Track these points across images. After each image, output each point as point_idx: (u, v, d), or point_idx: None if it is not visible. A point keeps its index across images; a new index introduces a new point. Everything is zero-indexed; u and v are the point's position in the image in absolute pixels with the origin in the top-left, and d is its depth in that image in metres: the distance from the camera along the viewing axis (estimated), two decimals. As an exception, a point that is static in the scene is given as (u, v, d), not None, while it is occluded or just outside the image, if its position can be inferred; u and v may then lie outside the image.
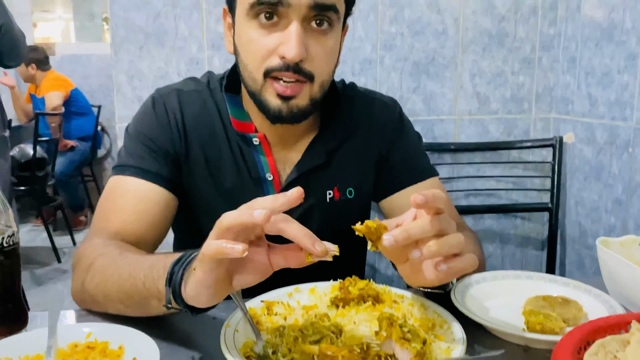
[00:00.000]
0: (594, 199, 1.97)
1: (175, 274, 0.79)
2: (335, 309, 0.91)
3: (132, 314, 0.91)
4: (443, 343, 0.82)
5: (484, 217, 2.21)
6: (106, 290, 0.92)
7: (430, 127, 2.12)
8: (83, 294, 0.98)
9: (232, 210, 1.18)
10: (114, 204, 1.11)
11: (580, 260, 2.09)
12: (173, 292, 0.79)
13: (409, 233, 0.74)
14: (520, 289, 1.04)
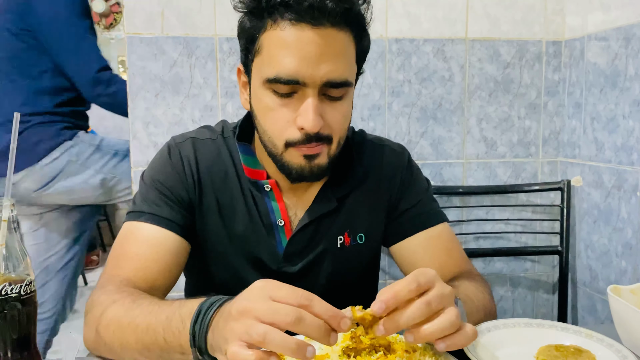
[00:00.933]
0: (604, 243, 1.97)
1: (198, 334, 0.80)
2: (346, 359, 0.91)
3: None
4: (454, 392, 0.82)
5: (494, 260, 2.21)
6: (123, 340, 0.93)
7: (439, 171, 2.14)
8: (97, 342, 0.98)
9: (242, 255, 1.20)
10: (127, 250, 1.12)
11: (592, 305, 2.07)
12: (199, 350, 0.81)
13: (396, 294, 0.77)
14: (532, 337, 1.03)
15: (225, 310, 0.79)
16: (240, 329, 0.72)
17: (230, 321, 0.75)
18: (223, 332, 0.75)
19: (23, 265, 0.91)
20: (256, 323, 0.71)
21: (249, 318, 0.72)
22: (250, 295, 0.76)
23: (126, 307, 0.96)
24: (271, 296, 0.74)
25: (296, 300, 0.73)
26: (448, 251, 1.28)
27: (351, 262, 1.27)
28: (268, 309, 0.72)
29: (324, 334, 0.71)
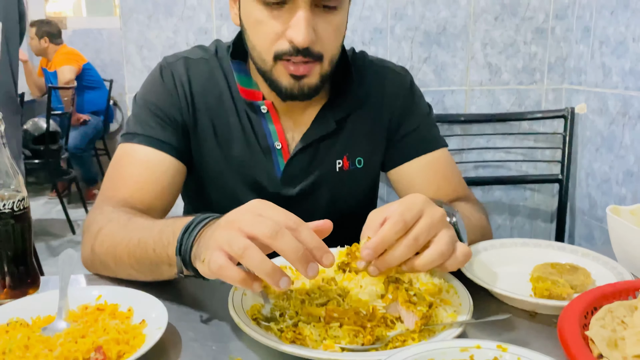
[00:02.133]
0: (605, 171, 1.95)
1: (184, 244, 0.80)
2: (342, 273, 0.91)
3: (144, 278, 0.93)
4: (449, 307, 0.82)
5: (493, 189, 2.20)
6: (116, 255, 0.93)
7: (441, 98, 2.10)
8: (93, 259, 0.99)
9: (239, 179, 1.19)
10: (123, 172, 1.11)
11: (589, 232, 2.08)
12: (183, 260, 0.80)
13: (383, 239, 0.77)
14: (528, 256, 1.04)
15: (215, 223, 0.78)
16: (222, 238, 0.71)
17: (216, 230, 0.75)
18: (207, 240, 0.75)
19: (15, 182, 0.89)
20: (239, 235, 0.70)
21: (233, 229, 0.71)
22: (241, 209, 0.76)
23: (121, 225, 0.96)
24: (261, 213, 0.73)
25: (284, 220, 0.72)
26: (446, 177, 1.26)
27: (350, 187, 1.25)
28: (251, 220, 0.71)
29: (301, 259, 0.69)
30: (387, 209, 0.84)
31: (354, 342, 0.74)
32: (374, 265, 0.80)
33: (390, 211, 0.80)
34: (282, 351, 0.72)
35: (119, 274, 0.96)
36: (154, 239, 0.85)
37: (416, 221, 0.78)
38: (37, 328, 0.77)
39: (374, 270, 0.80)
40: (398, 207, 0.79)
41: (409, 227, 0.78)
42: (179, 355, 0.76)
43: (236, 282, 0.71)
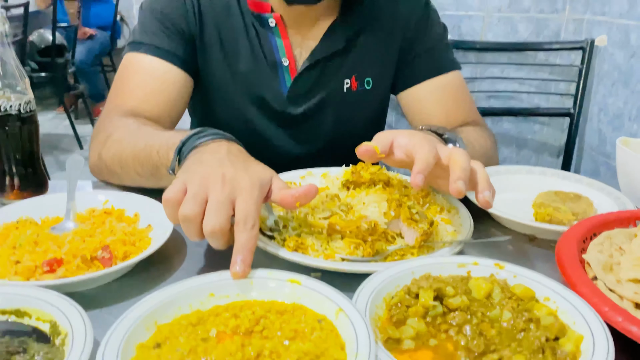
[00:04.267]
0: (619, 106, 1.91)
1: (188, 144, 0.79)
2: (346, 190, 0.92)
3: (146, 184, 0.93)
4: (450, 226, 0.83)
5: (503, 120, 2.17)
6: (122, 160, 0.94)
7: (457, 23, 2.02)
8: (100, 165, 1.00)
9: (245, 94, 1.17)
10: (130, 81, 1.10)
11: (595, 168, 2.07)
12: (179, 162, 0.80)
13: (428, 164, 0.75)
14: (533, 184, 1.04)
15: (218, 155, 0.74)
16: (193, 180, 0.68)
17: (202, 165, 0.72)
18: (193, 163, 0.74)
19: (21, 84, 0.88)
20: (196, 200, 0.66)
21: (202, 189, 0.67)
22: (231, 177, 0.69)
23: (130, 131, 0.96)
24: (235, 198, 0.67)
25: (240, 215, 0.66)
26: (457, 101, 1.24)
27: (357, 109, 1.24)
28: (218, 196, 0.66)
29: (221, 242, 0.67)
30: (394, 132, 0.83)
31: (354, 254, 0.75)
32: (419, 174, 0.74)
33: (404, 136, 0.80)
34: (284, 258, 0.73)
35: (124, 180, 0.97)
36: (160, 143, 0.86)
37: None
38: (45, 227, 0.79)
39: (420, 179, 0.74)
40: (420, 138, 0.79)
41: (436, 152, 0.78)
42: (183, 260, 0.78)
43: (169, 219, 0.69)
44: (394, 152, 0.82)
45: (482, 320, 0.61)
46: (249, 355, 0.53)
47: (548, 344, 0.57)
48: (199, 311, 0.61)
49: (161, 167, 0.85)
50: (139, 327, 0.57)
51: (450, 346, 0.59)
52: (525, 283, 0.66)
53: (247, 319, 0.60)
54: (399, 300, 0.64)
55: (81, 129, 4.62)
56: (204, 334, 0.57)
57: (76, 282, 0.66)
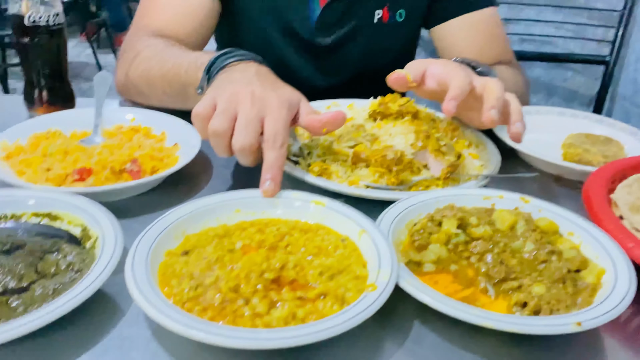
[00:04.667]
0: (658, 56, 1.84)
1: (217, 64, 0.78)
2: (372, 121, 0.91)
3: (173, 104, 0.93)
4: (477, 161, 0.83)
5: (534, 65, 2.11)
6: (149, 79, 0.93)
7: (495, -40, 1.93)
8: (127, 84, 0.99)
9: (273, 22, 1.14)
10: (157, 1, 1.08)
11: (626, 119, 2.01)
12: (208, 80, 0.79)
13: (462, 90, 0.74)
14: (564, 125, 1.01)
15: (247, 74, 0.74)
16: (223, 97, 0.68)
17: (232, 83, 0.72)
18: (223, 81, 0.74)
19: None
20: (227, 116, 0.67)
21: (231, 105, 0.67)
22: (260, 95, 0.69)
23: (158, 50, 0.95)
24: (264, 115, 0.67)
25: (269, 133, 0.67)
26: (491, 38, 1.20)
27: (387, 42, 1.20)
28: (247, 114, 0.67)
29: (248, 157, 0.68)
30: (427, 60, 0.81)
31: (378, 182, 0.75)
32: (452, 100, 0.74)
33: (438, 65, 0.79)
34: (308, 183, 0.74)
35: (151, 100, 0.97)
36: (189, 62, 0.85)
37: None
38: (74, 140, 0.80)
39: (453, 105, 0.74)
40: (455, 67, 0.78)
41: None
42: (209, 179, 0.79)
43: (199, 134, 0.71)
44: (426, 81, 0.80)
45: (504, 250, 0.61)
46: (273, 266, 0.55)
47: (569, 275, 0.58)
48: (225, 225, 0.63)
49: (189, 86, 0.85)
50: (167, 235, 0.58)
51: (470, 272, 0.60)
52: (549, 217, 0.66)
53: (272, 234, 0.61)
54: (422, 227, 0.65)
55: (103, 58, 4.60)
56: (230, 245, 0.59)
57: (106, 191, 0.67)
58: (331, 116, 0.72)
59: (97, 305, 0.53)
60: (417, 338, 0.52)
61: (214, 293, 0.51)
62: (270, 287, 0.53)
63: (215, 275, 0.53)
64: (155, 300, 0.47)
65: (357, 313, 0.47)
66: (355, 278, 0.54)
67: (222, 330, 0.45)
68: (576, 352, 0.52)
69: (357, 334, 0.50)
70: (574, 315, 0.50)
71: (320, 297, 0.52)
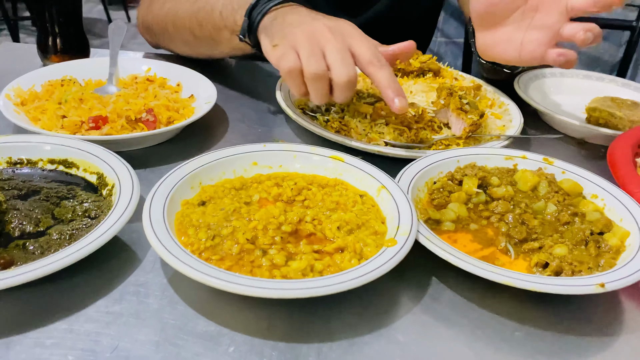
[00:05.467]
0: (688, 21, 1.77)
1: (259, 7, 0.74)
2: (394, 78, 0.88)
3: (199, 49, 0.89)
4: (499, 121, 0.80)
5: (558, 30, 2.04)
6: (177, 17, 0.88)
7: None
8: (150, 20, 0.94)
9: None
10: None
11: (650, 88, 1.96)
12: (250, 25, 0.75)
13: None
14: (589, 88, 0.99)
15: (300, 11, 0.73)
16: (305, 44, 0.66)
17: (303, 25, 0.69)
18: (288, 27, 0.70)
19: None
20: (320, 57, 0.65)
21: (317, 43, 0.66)
22: (330, 20, 0.70)
23: None
24: (350, 44, 0.67)
25: (368, 57, 0.66)
26: None
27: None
28: (337, 46, 0.66)
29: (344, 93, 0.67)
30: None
31: (398, 140, 0.74)
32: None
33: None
34: (327, 138, 0.72)
35: (174, 41, 0.92)
36: (223, 3, 0.80)
37: None
38: (89, 88, 0.79)
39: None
40: None
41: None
42: (225, 132, 0.78)
43: (294, 93, 0.69)
44: None
45: (525, 211, 0.60)
46: (291, 219, 0.54)
47: (592, 237, 0.56)
48: (242, 177, 0.62)
49: (224, 29, 0.81)
50: (184, 185, 0.57)
51: (490, 231, 0.58)
52: (573, 179, 0.64)
53: (289, 188, 0.60)
54: (442, 186, 0.63)
55: (114, 15, 4.54)
56: (247, 198, 0.58)
57: (121, 140, 0.66)
58: (402, 46, 0.72)
59: (113, 252, 0.53)
60: (435, 294, 0.52)
61: (231, 243, 0.50)
62: (287, 240, 0.52)
63: (233, 226, 0.52)
64: (172, 248, 0.47)
65: (376, 267, 0.46)
66: (374, 233, 0.54)
67: (239, 279, 0.44)
68: (596, 314, 0.51)
69: (375, 288, 0.49)
70: (597, 276, 0.49)
71: (339, 250, 0.51)
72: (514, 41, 0.76)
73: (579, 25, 0.72)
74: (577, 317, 0.51)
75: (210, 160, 0.61)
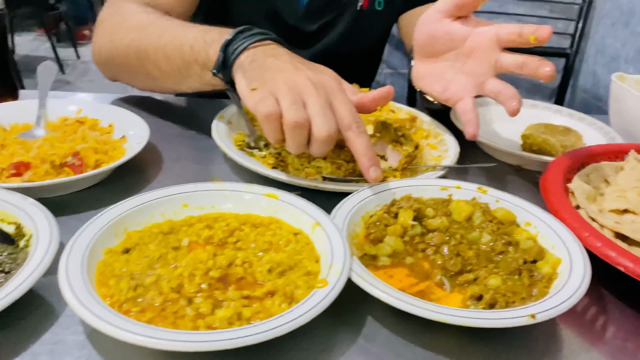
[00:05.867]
0: (617, 47, 1.87)
1: (236, 42, 0.72)
2: (331, 112, 0.88)
3: (164, 83, 0.86)
4: (435, 151, 0.81)
5: (498, 59, 2.12)
6: (141, 50, 0.84)
7: (458, -48, 1.93)
8: (110, 52, 0.89)
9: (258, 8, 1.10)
10: None
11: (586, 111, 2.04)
12: (225, 61, 0.72)
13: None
14: (524, 116, 1.00)
15: (280, 54, 0.71)
16: (286, 91, 0.64)
17: (283, 72, 0.67)
18: (268, 71, 0.68)
19: (-14, -19, 0.82)
20: (300, 107, 0.63)
21: (296, 93, 0.64)
22: (314, 66, 0.70)
23: (152, 20, 0.86)
24: (332, 102, 0.65)
25: (349, 118, 0.65)
26: None
27: (364, 29, 1.19)
28: (318, 98, 0.64)
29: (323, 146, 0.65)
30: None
31: (336, 173, 0.73)
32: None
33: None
34: (264, 175, 0.71)
35: (135, 74, 0.88)
36: (195, 37, 0.78)
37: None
38: (14, 133, 0.76)
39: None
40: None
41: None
42: (158, 173, 0.75)
43: (270, 138, 0.66)
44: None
45: (461, 242, 0.60)
46: (220, 263, 0.52)
47: (525, 266, 0.56)
48: (171, 221, 0.59)
49: (194, 64, 0.78)
50: (107, 232, 0.55)
51: (426, 264, 0.58)
52: (507, 207, 0.65)
53: (221, 230, 0.58)
54: (378, 219, 0.63)
55: (63, 53, 4.46)
56: (176, 242, 0.56)
57: (44, 186, 0.63)
58: (382, 92, 0.71)
59: (29, 307, 0.49)
60: (371, 334, 0.50)
61: (154, 293, 0.48)
62: (216, 286, 0.50)
63: (157, 274, 0.50)
64: (89, 301, 0.44)
65: (305, 311, 0.45)
66: (307, 274, 0.52)
67: (157, 333, 0.42)
68: (533, 343, 0.51)
69: (308, 331, 0.48)
70: (529, 307, 0.49)
71: (269, 295, 0.49)
72: (443, 78, 0.79)
73: (502, 86, 0.76)
74: (515, 348, 0.50)
75: (137, 205, 0.58)
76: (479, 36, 0.77)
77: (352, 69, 0.84)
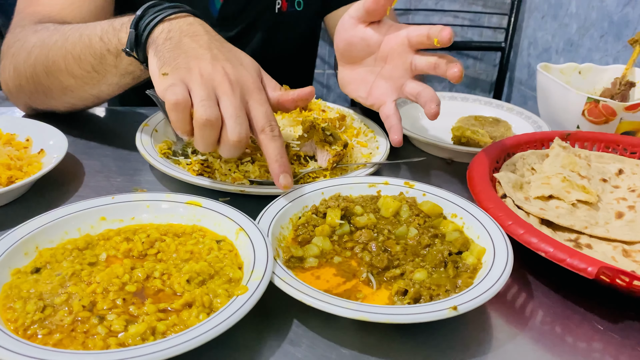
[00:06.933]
0: (547, 39, 1.93)
1: (148, 17, 0.68)
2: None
3: (83, 91, 0.81)
4: (365, 149, 0.81)
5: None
6: (49, 64, 0.79)
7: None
8: (17, 81, 0.86)
9: None
10: None
11: (524, 102, 2.11)
12: (138, 38, 0.68)
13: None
14: (455, 109, 1.03)
15: (200, 40, 0.67)
16: (197, 79, 0.61)
17: (198, 58, 0.64)
18: (182, 56, 0.64)
19: None
20: (212, 99, 0.60)
21: (211, 90, 0.61)
22: (232, 51, 0.68)
23: (52, 32, 0.82)
24: (248, 102, 0.63)
25: (263, 121, 0.63)
26: None
27: (286, 31, 1.18)
28: (229, 86, 0.62)
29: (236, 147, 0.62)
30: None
31: (264, 177, 0.72)
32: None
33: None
34: (188, 182, 0.69)
35: (51, 90, 0.83)
36: (102, 28, 0.74)
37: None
38: None
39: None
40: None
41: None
42: (79, 186, 0.72)
43: (177, 130, 0.61)
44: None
45: (389, 238, 0.60)
46: (137, 277, 0.50)
47: (451, 257, 0.57)
48: (89, 235, 0.57)
49: (107, 54, 0.74)
50: (15, 251, 0.52)
51: (354, 263, 0.57)
52: (433, 200, 0.65)
53: (140, 242, 0.56)
54: (306, 220, 0.62)
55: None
56: (92, 258, 0.53)
57: (-52, 208, 0.59)
58: (303, 93, 0.70)
59: None
60: (296, 339, 0.49)
61: (63, 313, 0.45)
62: (132, 301, 0.48)
63: (68, 293, 0.47)
64: (-13, 329, 0.41)
65: (222, 320, 0.43)
66: (228, 281, 0.51)
67: (63, 356, 0.39)
68: (463, 333, 0.51)
69: (233, 340, 0.46)
70: (452, 299, 0.49)
71: (186, 306, 0.47)
72: (366, 83, 0.80)
73: (420, 87, 0.76)
74: (448, 340, 0.50)
75: (49, 221, 0.56)
76: (392, 40, 0.77)
77: (284, 73, 0.83)
